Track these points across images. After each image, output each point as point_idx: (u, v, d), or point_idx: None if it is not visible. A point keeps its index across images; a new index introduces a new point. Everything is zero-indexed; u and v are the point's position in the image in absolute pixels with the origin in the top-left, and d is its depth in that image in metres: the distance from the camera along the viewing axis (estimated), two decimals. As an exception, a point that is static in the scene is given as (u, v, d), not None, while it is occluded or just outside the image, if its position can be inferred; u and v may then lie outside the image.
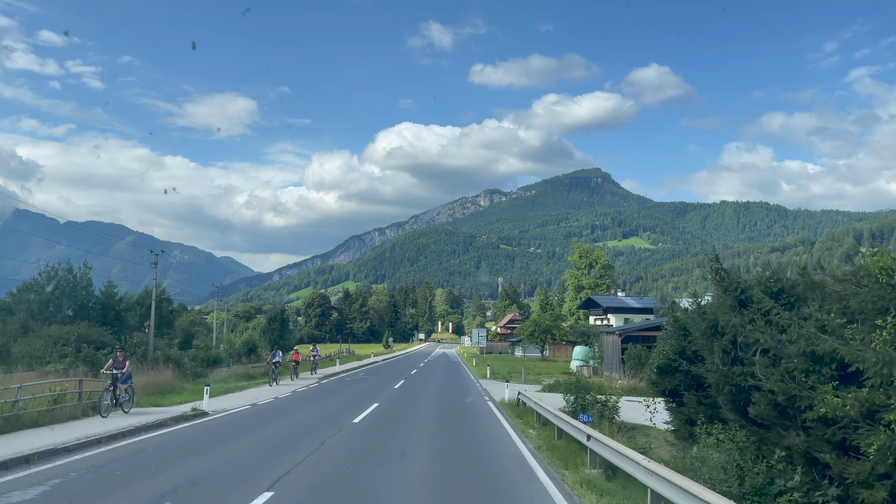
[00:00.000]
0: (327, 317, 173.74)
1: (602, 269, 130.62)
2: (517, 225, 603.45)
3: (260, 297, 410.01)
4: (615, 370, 40.18)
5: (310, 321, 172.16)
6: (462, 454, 13.88)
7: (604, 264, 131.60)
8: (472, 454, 13.92)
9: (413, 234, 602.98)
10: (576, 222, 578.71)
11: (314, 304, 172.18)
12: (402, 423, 18.73)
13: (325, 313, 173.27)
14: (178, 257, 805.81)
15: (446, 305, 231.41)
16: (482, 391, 31.79)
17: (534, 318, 70.77)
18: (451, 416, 21.46)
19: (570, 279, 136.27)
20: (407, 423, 18.76)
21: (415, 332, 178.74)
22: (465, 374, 45.69)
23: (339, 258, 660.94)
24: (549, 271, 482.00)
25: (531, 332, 69.18)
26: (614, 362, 40.61)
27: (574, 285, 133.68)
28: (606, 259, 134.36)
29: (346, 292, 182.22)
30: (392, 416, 20.43)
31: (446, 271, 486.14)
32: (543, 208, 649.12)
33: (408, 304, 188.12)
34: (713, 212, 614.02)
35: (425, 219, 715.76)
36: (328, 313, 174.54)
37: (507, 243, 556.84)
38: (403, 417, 20.46)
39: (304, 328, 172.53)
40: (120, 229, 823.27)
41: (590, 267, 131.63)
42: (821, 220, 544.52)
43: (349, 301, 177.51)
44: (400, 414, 21.51)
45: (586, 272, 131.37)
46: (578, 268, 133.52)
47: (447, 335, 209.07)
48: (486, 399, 27.53)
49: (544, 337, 69.16)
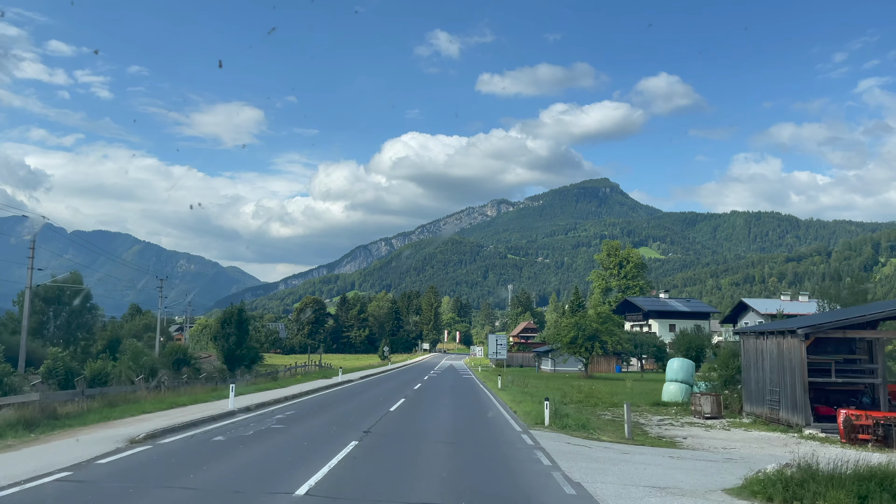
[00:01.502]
0: (322, 324, 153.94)
1: (634, 268, 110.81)
2: (525, 235, 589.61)
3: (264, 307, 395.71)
4: (789, 408, 20.09)
5: (302, 329, 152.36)
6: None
7: (636, 263, 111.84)
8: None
9: (419, 244, 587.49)
10: (584, 232, 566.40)
11: (307, 309, 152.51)
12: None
13: (319, 320, 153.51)
14: (184, 267, 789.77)
15: (453, 313, 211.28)
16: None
17: (575, 320, 50.98)
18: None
19: (597, 280, 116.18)
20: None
21: (418, 342, 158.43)
22: (494, 416, 25.01)
23: (345, 268, 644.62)
24: (557, 281, 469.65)
25: (572, 338, 49.27)
26: (783, 392, 20.54)
27: (601, 287, 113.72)
28: (639, 257, 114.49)
29: (343, 297, 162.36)
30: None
31: (453, 281, 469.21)
32: (551, 218, 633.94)
33: (411, 310, 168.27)
34: (723, 222, 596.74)
35: (432, 229, 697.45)
36: (323, 320, 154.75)
37: (514, 253, 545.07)
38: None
39: (296, 336, 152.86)
40: (127, 238, 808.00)
41: (619, 266, 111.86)
42: (833, 230, 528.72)
43: (346, 307, 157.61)
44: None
45: (615, 272, 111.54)
46: (606, 267, 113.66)
47: (454, 345, 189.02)
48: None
49: (590, 346, 49.30)
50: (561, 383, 42.15)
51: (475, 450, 14.59)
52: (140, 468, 11.06)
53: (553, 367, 64.15)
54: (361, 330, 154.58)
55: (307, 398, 27.54)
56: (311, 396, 28.34)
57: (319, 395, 29.86)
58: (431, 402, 27.69)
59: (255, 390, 29.77)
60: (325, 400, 27.46)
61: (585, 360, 50.74)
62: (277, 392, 28.83)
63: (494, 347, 59.37)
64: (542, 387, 37.08)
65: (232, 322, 59.69)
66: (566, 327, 50.41)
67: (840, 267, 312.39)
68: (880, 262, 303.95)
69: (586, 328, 48.64)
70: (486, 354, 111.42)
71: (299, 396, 27.88)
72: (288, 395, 26.99)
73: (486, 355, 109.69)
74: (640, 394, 32.98)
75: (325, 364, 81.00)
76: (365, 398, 28.33)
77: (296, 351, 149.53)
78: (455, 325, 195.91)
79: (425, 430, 17.98)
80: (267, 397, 25.45)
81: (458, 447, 14.99)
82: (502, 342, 60.14)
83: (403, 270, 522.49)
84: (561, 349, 50.75)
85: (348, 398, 28.54)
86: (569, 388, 36.28)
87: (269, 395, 26.45)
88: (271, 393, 28.27)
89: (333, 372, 53.44)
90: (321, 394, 30.49)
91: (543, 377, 51.82)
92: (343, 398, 28.28)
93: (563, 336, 49.77)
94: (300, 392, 29.14)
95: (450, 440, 16.14)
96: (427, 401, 27.95)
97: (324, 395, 30.16)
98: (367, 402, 27.04)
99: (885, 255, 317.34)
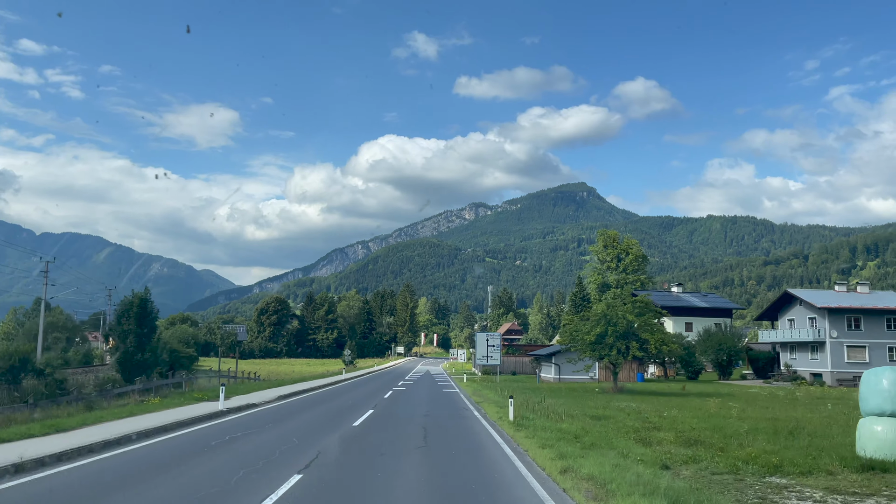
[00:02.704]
0: (285, 326, 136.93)
1: (634, 260, 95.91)
2: (502, 238, 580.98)
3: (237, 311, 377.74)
4: None
5: (263, 331, 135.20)
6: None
7: (637, 255, 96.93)
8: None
9: (397, 247, 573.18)
10: (562, 236, 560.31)
11: (269, 309, 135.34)
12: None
13: (282, 321, 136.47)
14: (157, 270, 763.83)
15: (430, 315, 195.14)
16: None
17: (601, 309, 34.46)
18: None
19: (591, 275, 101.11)
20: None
21: (391, 346, 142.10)
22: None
23: (321, 271, 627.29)
24: (535, 284, 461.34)
25: (598, 336, 33.35)
26: None
27: (596, 283, 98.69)
28: (640, 248, 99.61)
29: (310, 297, 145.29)
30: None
31: (430, 284, 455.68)
32: (529, 222, 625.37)
33: (385, 311, 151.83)
34: (700, 226, 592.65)
35: (410, 232, 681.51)
36: (286, 321, 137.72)
37: (492, 256, 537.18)
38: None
39: (256, 339, 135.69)
40: (98, 241, 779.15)
41: (617, 259, 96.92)
42: (808, 234, 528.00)
43: (313, 307, 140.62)
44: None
45: (613, 265, 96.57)
46: (602, 260, 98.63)
47: (431, 349, 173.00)
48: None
49: (624, 347, 33.51)
50: (599, 403, 26.69)
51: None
52: None
53: (558, 376, 48.72)
54: (329, 332, 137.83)
55: (85, 464, 11.62)
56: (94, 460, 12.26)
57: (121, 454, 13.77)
58: (366, 473, 11.81)
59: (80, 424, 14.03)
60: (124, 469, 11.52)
61: (615, 365, 34.98)
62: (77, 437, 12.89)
63: (485, 350, 43.22)
64: (577, 411, 21.54)
65: (131, 316, 43.26)
66: (592, 321, 34.56)
67: (818, 270, 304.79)
68: (857, 265, 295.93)
69: (618, 322, 33.05)
70: (470, 358, 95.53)
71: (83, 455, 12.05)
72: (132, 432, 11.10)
73: (471, 359, 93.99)
74: (764, 431, 17.58)
75: (266, 374, 64.85)
76: (212, 469, 12.35)
77: (255, 355, 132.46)
78: (433, 328, 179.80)
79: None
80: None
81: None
82: (495, 342, 43.60)
83: (380, 273, 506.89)
84: (581, 351, 34.94)
85: (182, 467, 12.54)
86: (631, 418, 20.73)
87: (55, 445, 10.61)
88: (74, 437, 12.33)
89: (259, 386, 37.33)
90: (137, 448, 14.39)
91: (554, 391, 36.35)
92: (169, 466, 12.26)
93: (583, 333, 34.01)
94: (102, 440, 13.20)
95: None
96: (356, 471, 12.03)
97: (142, 450, 14.10)
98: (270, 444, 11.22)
99: (861, 259, 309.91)
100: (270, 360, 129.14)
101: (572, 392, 36.04)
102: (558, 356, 48.92)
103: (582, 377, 49.15)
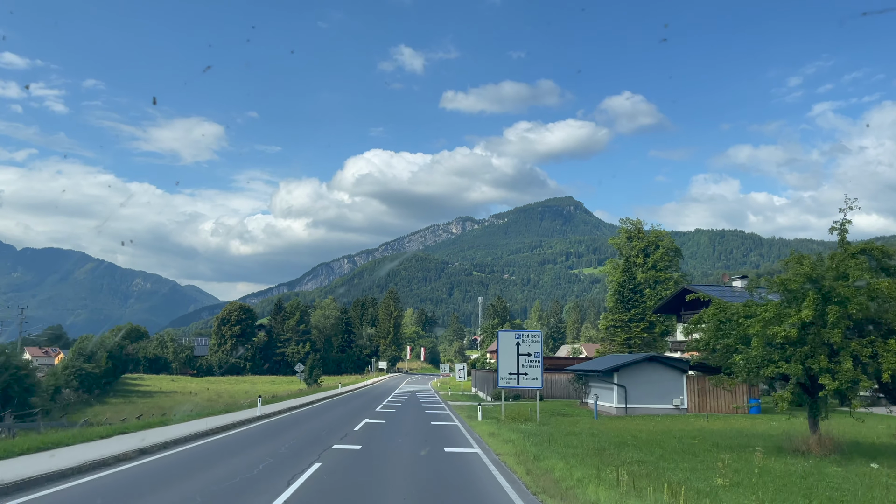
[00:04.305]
0: (249, 338, 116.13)
1: (665, 254, 77.08)
2: (490, 252, 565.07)
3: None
4: None
5: (224, 344, 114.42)
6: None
7: (668, 247, 78.14)
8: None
9: (383, 261, 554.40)
10: (550, 249, 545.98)
11: (231, 319, 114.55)
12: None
13: (246, 333, 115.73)
14: (139, 285, 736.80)
15: (417, 327, 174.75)
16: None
17: (807, 269, 15.74)
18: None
19: (612, 273, 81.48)
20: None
21: (372, 360, 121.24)
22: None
23: (307, 286, 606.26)
24: (523, 298, 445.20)
25: (802, 329, 13.58)
26: None
27: (617, 282, 79.25)
28: (672, 240, 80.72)
29: (279, 304, 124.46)
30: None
31: (417, 298, 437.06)
32: (516, 236, 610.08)
33: (365, 321, 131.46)
34: (688, 240, 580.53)
35: (396, 246, 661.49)
36: (251, 333, 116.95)
37: (480, 270, 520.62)
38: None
39: (216, 353, 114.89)
40: (80, 256, 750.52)
41: (644, 254, 78.02)
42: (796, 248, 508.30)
43: (282, 316, 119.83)
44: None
45: (640, 261, 77.50)
46: (625, 255, 79.54)
47: (418, 363, 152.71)
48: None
49: (868, 356, 13.71)
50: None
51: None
52: None
53: (624, 405, 29.38)
54: (301, 345, 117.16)
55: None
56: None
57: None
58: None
59: None
60: None
61: (844, 397, 15.14)
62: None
63: (513, 360, 22.23)
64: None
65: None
66: (785, 295, 14.95)
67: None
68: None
69: (848, 297, 13.57)
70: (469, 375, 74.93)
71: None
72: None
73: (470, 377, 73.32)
74: None
75: (209, 397, 45.59)
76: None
77: (214, 372, 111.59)
78: (419, 341, 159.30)
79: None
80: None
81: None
82: (533, 346, 22.56)
83: (366, 287, 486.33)
84: (753, 367, 15.02)
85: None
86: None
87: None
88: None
89: (85, 435, 17.43)
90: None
91: (658, 440, 17.22)
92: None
93: (763, 324, 14.36)
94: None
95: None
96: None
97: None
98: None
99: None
100: (231, 377, 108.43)
101: (713, 446, 16.70)
102: (626, 372, 29.55)
103: (663, 407, 29.83)
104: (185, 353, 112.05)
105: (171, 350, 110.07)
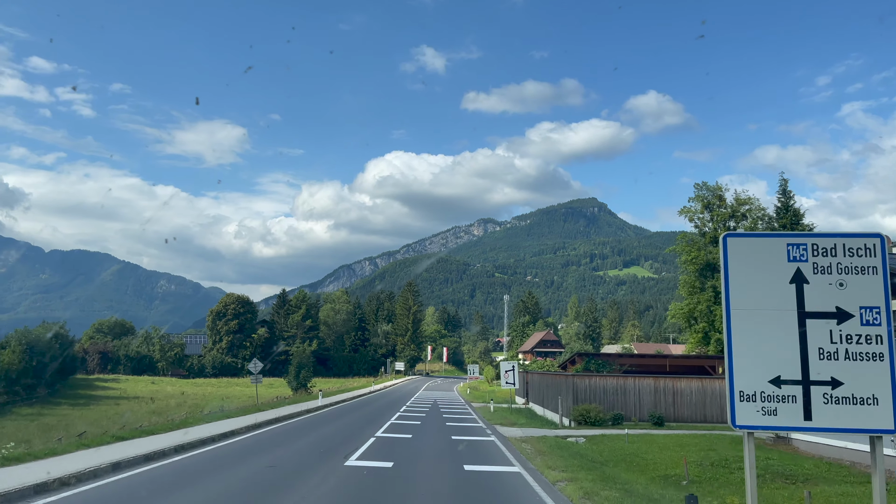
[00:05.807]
0: (248, 334, 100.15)
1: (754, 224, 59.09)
2: (512, 254, 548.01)
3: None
4: None
5: (220, 341, 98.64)
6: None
7: (759, 215, 60.12)
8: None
9: (404, 263, 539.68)
10: (573, 251, 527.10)
11: (227, 313, 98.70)
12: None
13: (244, 329, 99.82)
14: (164, 287, 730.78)
15: (439, 325, 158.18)
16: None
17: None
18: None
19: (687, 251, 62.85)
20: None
21: (387, 361, 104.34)
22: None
23: (328, 288, 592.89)
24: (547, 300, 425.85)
25: None
26: None
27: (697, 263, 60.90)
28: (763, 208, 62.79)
29: (282, 297, 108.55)
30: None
31: (439, 299, 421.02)
32: (539, 237, 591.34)
33: (381, 318, 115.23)
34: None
35: (417, 248, 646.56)
36: (250, 329, 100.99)
37: (502, 272, 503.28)
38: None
39: (210, 352, 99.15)
40: (106, 258, 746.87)
41: (726, 225, 60.20)
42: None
43: (286, 311, 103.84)
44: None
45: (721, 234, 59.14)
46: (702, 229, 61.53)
47: (440, 365, 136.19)
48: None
49: None
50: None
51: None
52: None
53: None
54: (308, 343, 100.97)
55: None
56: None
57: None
58: None
59: None
60: None
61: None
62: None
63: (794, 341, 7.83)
64: None
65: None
66: None
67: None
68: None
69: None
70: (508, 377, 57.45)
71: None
72: None
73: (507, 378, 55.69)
74: None
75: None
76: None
77: (206, 373, 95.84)
78: (441, 340, 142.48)
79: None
80: None
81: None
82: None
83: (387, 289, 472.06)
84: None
85: None
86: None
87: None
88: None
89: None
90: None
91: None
92: None
93: None
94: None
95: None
96: None
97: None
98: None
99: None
100: (225, 378, 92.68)
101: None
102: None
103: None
104: (175, 352, 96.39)
105: (158, 348, 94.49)
